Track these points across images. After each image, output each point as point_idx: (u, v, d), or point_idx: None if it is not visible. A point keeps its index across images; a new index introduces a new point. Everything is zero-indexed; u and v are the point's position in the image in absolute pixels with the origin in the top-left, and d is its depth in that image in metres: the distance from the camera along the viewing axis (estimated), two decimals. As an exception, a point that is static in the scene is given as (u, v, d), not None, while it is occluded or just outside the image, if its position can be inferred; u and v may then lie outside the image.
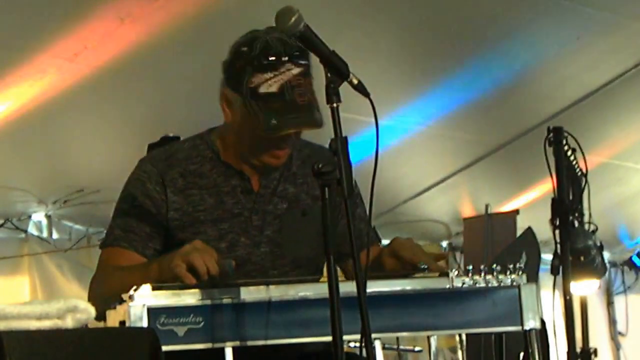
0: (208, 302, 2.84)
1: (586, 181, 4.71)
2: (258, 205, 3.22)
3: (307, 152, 3.32)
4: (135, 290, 2.82)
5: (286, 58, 3.08)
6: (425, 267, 3.01)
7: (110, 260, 3.21)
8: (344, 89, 2.75)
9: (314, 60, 2.84)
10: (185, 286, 2.87)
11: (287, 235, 3.22)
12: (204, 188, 3.22)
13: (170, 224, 3.19)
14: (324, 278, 2.71)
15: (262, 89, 3.08)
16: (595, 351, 5.09)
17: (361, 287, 2.64)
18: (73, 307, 2.57)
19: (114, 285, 2.98)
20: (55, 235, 6.39)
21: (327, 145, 2.75)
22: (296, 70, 3.08)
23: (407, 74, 5.99)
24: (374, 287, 2.89)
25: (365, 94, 2.76)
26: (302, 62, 3.09)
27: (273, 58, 3.08)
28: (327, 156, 2.81)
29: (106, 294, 3.01)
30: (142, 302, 2.81)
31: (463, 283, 2.95)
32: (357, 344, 2.70)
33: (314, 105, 3.09)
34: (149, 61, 5.15)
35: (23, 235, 6.27)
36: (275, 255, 3.21)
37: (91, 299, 3.14)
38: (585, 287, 5.56)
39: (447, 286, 2.95)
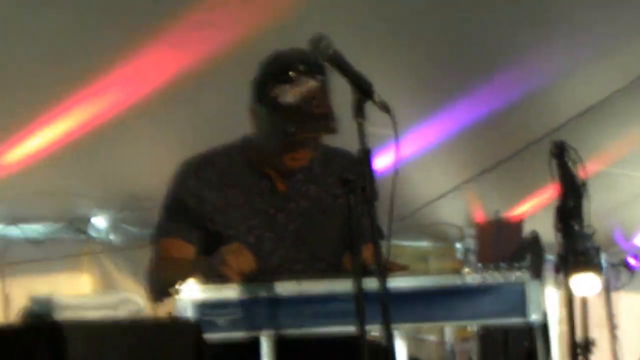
0: (246, 296, 2.86)
1: (586, 189, 4.66)
2: (283, 204, 3.25)
3: (328, 155, 3.33)
4: (182, 285, 2.83)
5: (304, 73, 3.10)
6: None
7: (163, 250, 3.24)
8: (369, 105, 2.75)
9: (339, 78, 2.83)
10: (226, 282, 2.88)
11: (309, 230, 3.24)
12: (236, 187, 3.24)
13: (206, 216, 3.21)
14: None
15: (282, 100, 3.10)
16: (593, 342, 5.04)
17: (383, 283, 2.64)
18: (125, 299, 2.59)
19: (169, 277, 2.99)
20: (113, 237, 6.41)
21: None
22: (313, 84, 3.10)
23: (424, 92, 5.97)
24: (395, 283, 2.88)
25: (387, 111, 2.77)
26: (320, 76, 3.11)
27: (292, 72, 3.11)
28: (348, 157, 2.76)
29: (162, 283, 3.03)
30: (188, 295, 2.83)
31: (473, 280, 2.93)
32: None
33: (330, 114, 3.12)
34: (201, 83, 5.14)
35: (84, 236, 6.29)
36: (298, 249, 3.22)
37: (149, 286, 3.17)
38: (588, 287, 5.50)
39: (459, 283, 2.94)
